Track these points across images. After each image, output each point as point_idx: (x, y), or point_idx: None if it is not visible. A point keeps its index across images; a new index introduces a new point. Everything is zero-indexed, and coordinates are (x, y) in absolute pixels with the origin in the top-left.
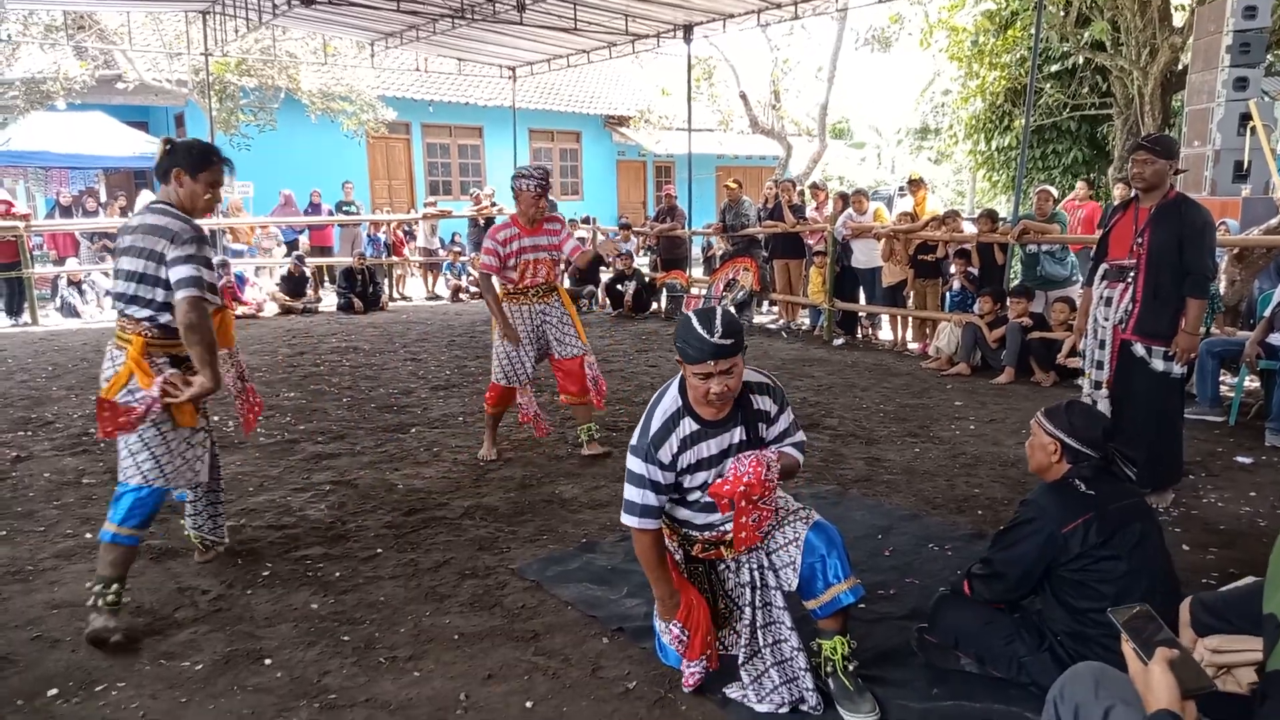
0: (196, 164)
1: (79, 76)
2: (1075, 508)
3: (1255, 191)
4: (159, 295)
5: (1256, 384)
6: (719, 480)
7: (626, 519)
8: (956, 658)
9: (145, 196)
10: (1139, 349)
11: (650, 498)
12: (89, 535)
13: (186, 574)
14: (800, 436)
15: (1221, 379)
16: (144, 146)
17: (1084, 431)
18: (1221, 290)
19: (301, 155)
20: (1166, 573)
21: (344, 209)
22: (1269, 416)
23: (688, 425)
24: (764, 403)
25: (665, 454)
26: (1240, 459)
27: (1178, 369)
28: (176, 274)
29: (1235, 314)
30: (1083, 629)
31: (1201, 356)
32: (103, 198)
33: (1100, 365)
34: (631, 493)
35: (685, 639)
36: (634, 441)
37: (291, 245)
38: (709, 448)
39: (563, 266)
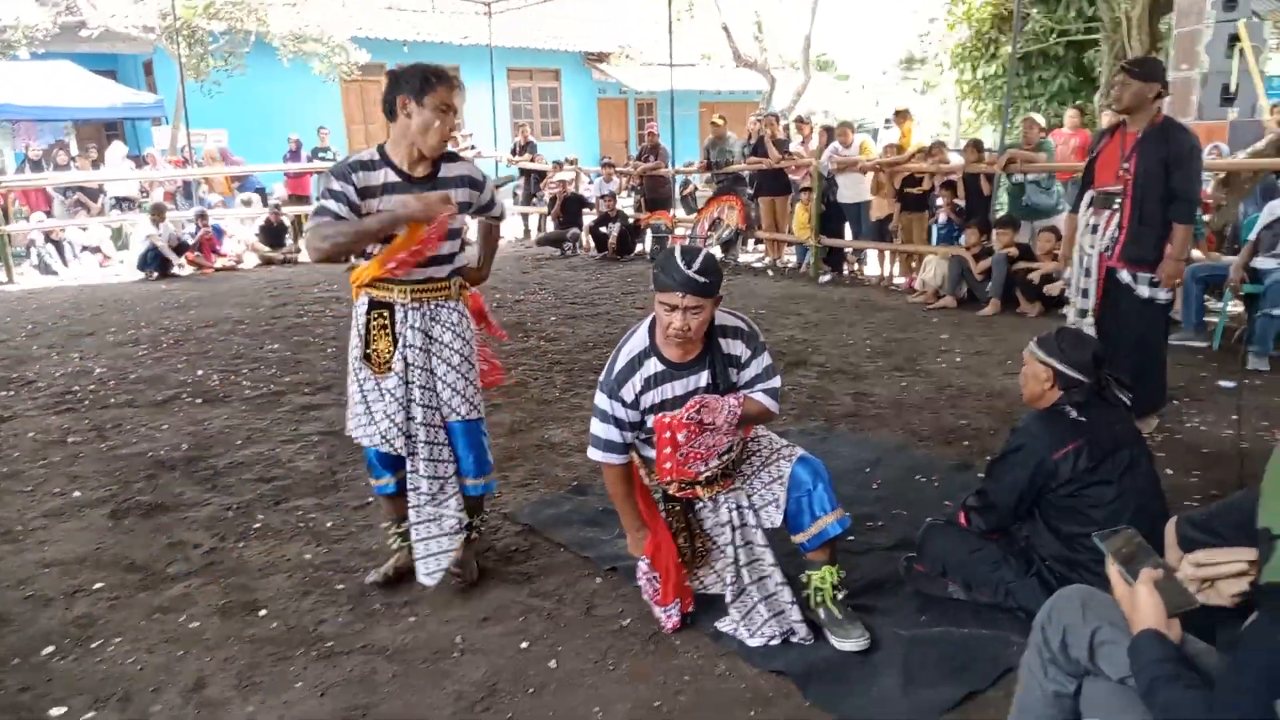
0: (419, 89)
1: (41, 24)
2: (1065, 434)
3: (1243, 115)
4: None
5: (1240, 308)
6: (659, 415)
7: (592, 452)
8: (944, 585)
9: (116, 149)
10: (1125, 276)
11: (613, 433)
12: (77, 494)
13: (178, 528)
14: (774, 383)
15: (1205, 303)
16: (114, 96)
17: (1075, 357)
18: (1206, 216)
19: (274, 101)
20: (1155, 497)
21: (320, 155)
22: (1251, 340)
23: (653, 365)
24: (735, 347)
25: (628, 392)
26: (1223, 383)
27: (1163, 295)
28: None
29: (1220, 239)
30: (1072, 554)
31: (1186, 282)
32: (74, 151)
33: (1085, 293)
34: (596, 427)
35: (657, 584)
36: (601, 378)
37: (262, 195)
38: (674, 389)
39: (546, 208)
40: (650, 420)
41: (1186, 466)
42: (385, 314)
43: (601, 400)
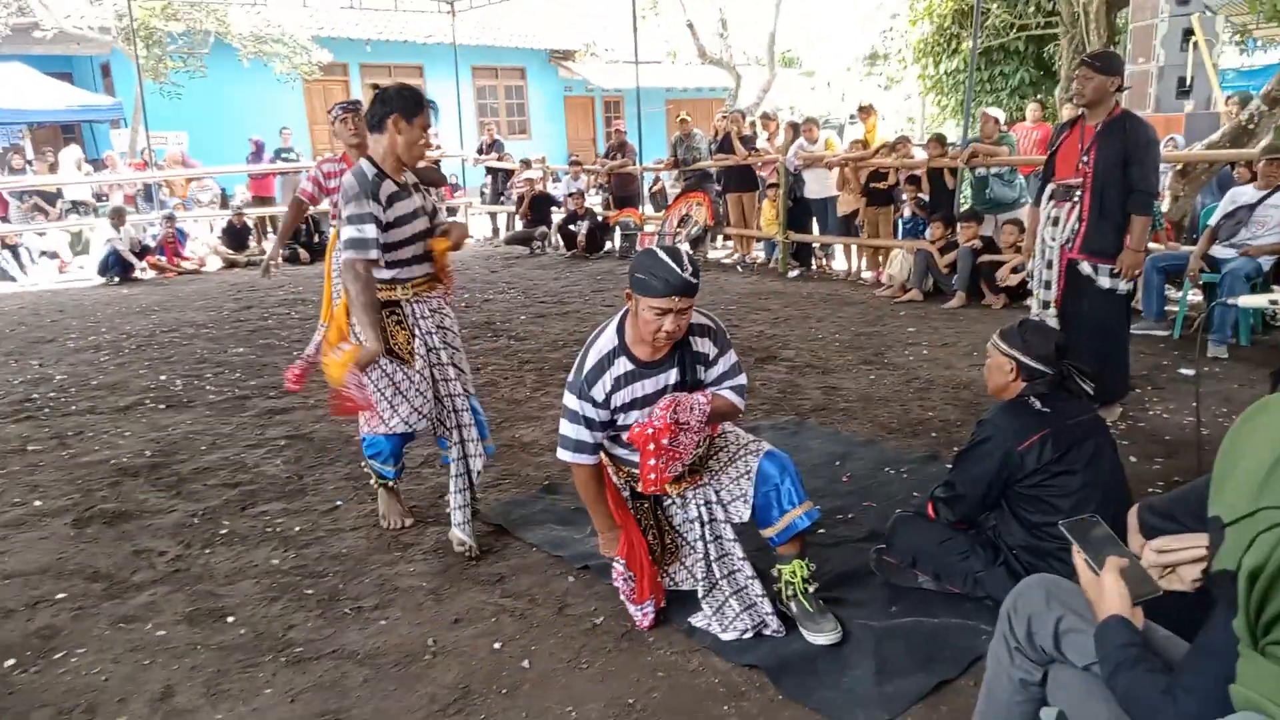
0: (411, 110)
1: None
2: (1031, 425)
3: (1198, 107)
4: None
5: (1199, 297)
6: (632, 426)
7: (561, 453)
8: (914, 576)
9: (72, 152)
10: (1086, 267)
11: (583, 433)
12: (38, 503)
13: (142, 536)
14: (740, 380)
15: (1166, 292)
16: (70, 99)
17: (1038, 349)
18: (1165, 206)
19: (236, 102)
20: (1120, 485)
21: (283, 156)
22: (1211, 328)
23: (623, 364)
24: (704, 345)
25: (599, 392)
26: (1184, 371)
27: (1124, 286)
28: (343, 235)
29: (1179, 229)
30: (1039, 543)
31: (1147, 271)
32: (29, 154)
33: (1048, 285)
34: (566, 428)
35: (632, 582)
36: (570, 378)
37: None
38: (644, 387)
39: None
40: (622, 419)
41: (1149, 454)
42: (398, 310)
43: (571, 401)
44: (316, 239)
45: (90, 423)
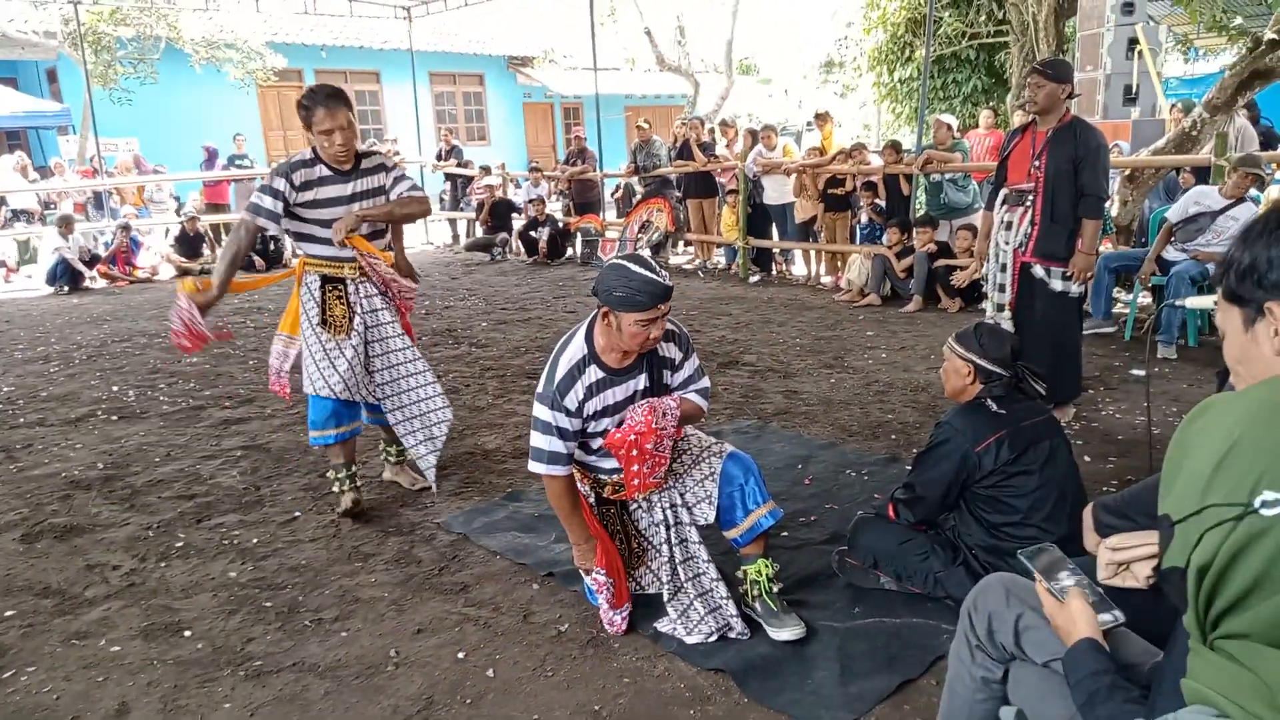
0: (306, 115)
1: None
2: (987, 427)
3: (1144, 114)
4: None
5: (1149, 299)
6: (612, 431)
7: (534, 465)
8: (875, 577)
9: (13, 159)
10: (1038, 270)
11: (557, 444)
12: None
13: (95, 550)
14: (704, 383)
15: (1115, 295)
16: (14, 104)
17: (993, 351)
18: (1114, 211)
19: (188, 108)
20: (1075, 485)
21: (237, 163)
22: (1160, 330)
23: (594, 373)
24: (670, 350)
25: (571, 401)
26: (1135, 372)
27: (1075, 288)
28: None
29: (1128, 233)
30: (997, 542)
31: (1098, 271)
32: None
33: (1002, 288)
34: (538, 439)
35: (612, 588)
36: (540, 389)
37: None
38: (614, 394)
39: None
40: (592, 426)
41: (1103, 453)
42: (340, 287)
43: (542, 412)
44: (272, 247)
45: (40, 435)
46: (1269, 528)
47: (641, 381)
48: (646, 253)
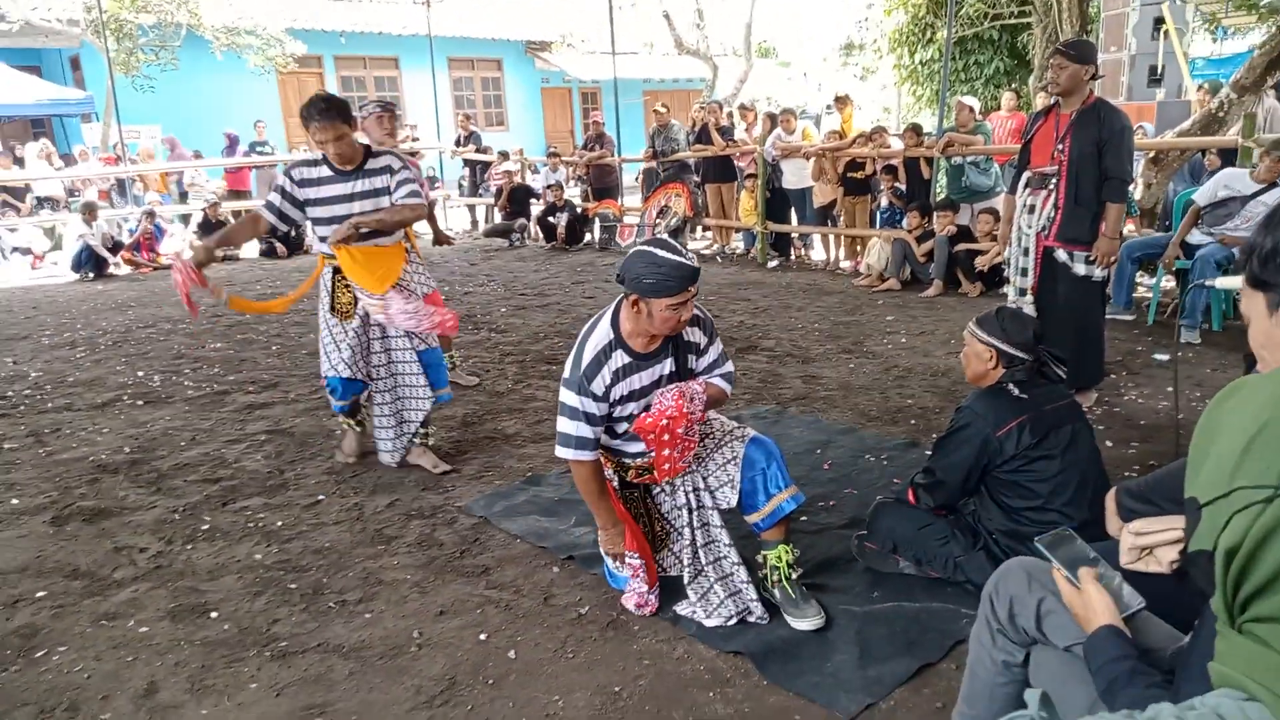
0: (304, 123)
1: None
2: (1009, 411)
3: (1169, 95)
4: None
5: (1173, 283)
6: (642, 415)
7: (561, 451)
8: (895, 561)
9: (38, 146)
10: (1061, 255)
11: (585, 429)
12: (15, 502)
13: (123, 533)
14: (729, 367)
15: (1138, 280)
16: (39, 93)
17: (1016, 336)
18: (1138, 194)
19: (209, 95)
20: (1097, 470)
21: (258, 150)
22: (1183, 314)
23: (620, 358)
24: (694, 334)
25: (599, 386)
26: (1158, 357)
27: (1099, 273)
28: None
29: (1152, 216)
30: (1017, 527)
31: (1121, 260)
32: None
33: (1025, 272)
34: (565, 425)
35: (645, 570)
36: (566, 375)
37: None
38: (640, 379)
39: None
40: (618, 411)
41: (1125, 439)
42: (347, 278)
43: (569, 397)
44: (294, 234)
45: (67, 420)
46: None
47: (667, 366)
48: (647, 240)
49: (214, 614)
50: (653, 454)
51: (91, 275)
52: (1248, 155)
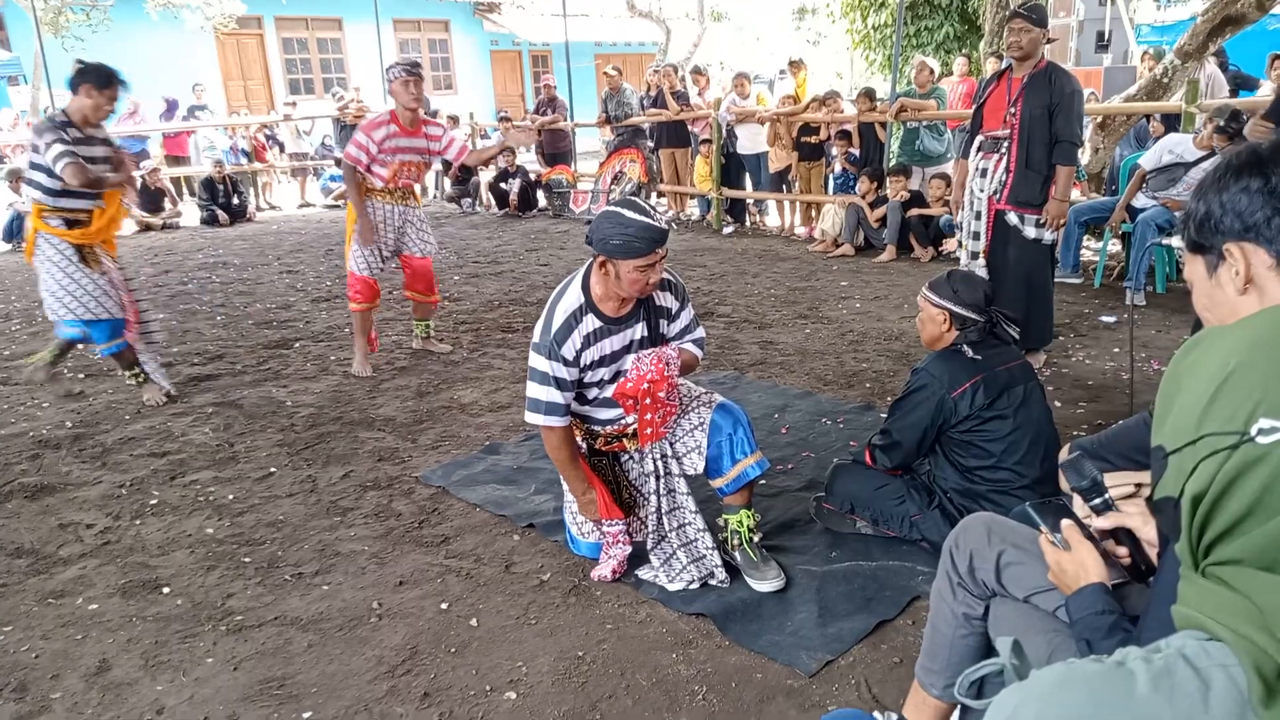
0: (102, 82)
1: None
2: (963, 373)
3: (1116, 60)
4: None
5: (1119, 247)
6: (623, 380)
7: (531, 417)
8: (852, 522)
9: None
10: (1012, 218)
11: (555, 394)
12: None
13: (67, 509)
14: (700, 333)
15: (1084, 244)
16: None
17: (967, 297)
18: (1085, 159)
19: (144, 58)
20: (1048, 429)
21: (196, 114)
22: (1129, 277)
23: (591, 322)
24: (666, 299)
25: (569, 350)
26: (1104, 319)
27: (1049, 236)
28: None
29: (1099, 181)
30: (971, 486)
31: (1069, 224)
32: None
33: (977, 236)
34: (535, 390)
35: (618, 528)
36: (536, 339)
37: (135, 158)
38: (611, 344)
39: (442, 167)
40: (589, 377)
41: (1074, 398)
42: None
43: (539, 362)
44: (235, 201)
45: (5, 394)
46: (1264, 455)
47: (639, 330)
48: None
49: (166, 589)
50: (625, 421)
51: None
52: (1190, 121)
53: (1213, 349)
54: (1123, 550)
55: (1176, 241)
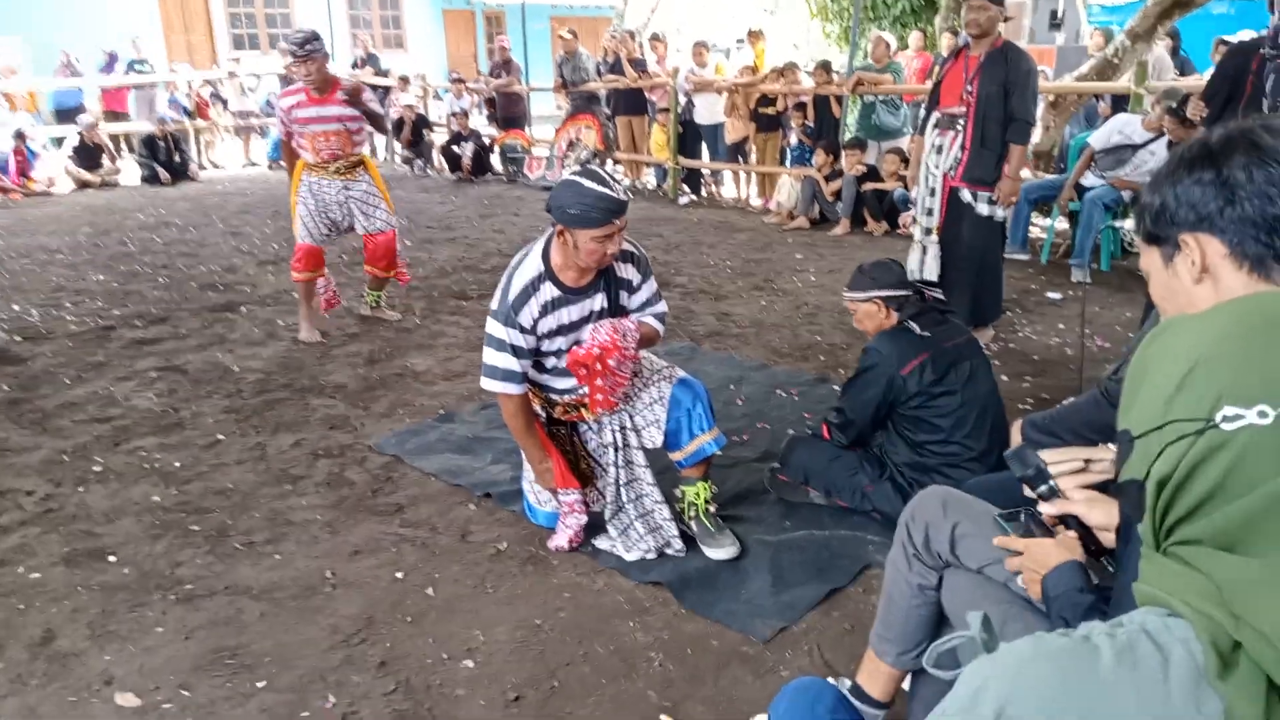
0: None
1: None
2: (911, 350)
3: (1069, 40)
4: None
5: (1066, 225)
6: (574, 348)
7: (487, 383)
8: (806, 492)
9: None
10: (966, 195)
11: (510, 362)
12: None
13: (5, 475)
14: (662, 307)
15: (1032, 221)
16: None
17: (886, 278)
18: (1036, 137)
19: (79, 7)
20: (995, 403)
21: (135, 68)
22: (1074, 255)
23: (549, 290)
24: (628, 271)
25: (526, 318)
26: (1051, 295)
27: (1000, 213)
28: None
29: (1048, 159)
30: (921, 459)
31: (1019, 201)
32: None
33: (930, 212)
34: (491, 356)
35: (574, 497)
36: (494, 305)
37: (69, 113)
38: (570, 314)
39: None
40: (547, 345)
41: (1020, 373)
42: None
43: (496, 329)
44: (177, 159)
45: None
46: (1227, 440)
47: (599, 301)
48: (577, 169)
49: (112, 558)
50: (583, 390)
51: None
52: (1139, 101)
53: (1179, 338)
54: (1071, 534)
55: (1127, 225)
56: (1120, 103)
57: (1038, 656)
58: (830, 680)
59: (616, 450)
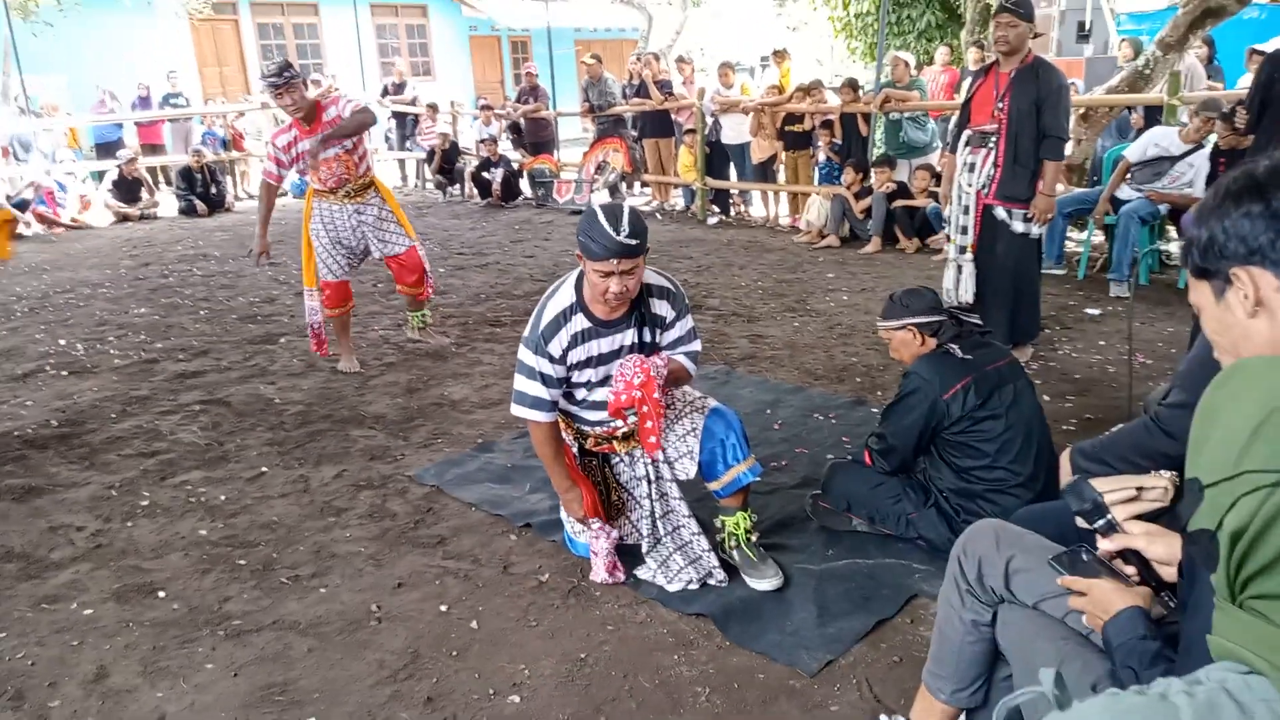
0: None
1: None
2: (954, 374)
3: (1096, 51)
4: None
5: (1102, 239)
6: (614, 394)
7: (517, 409)
8: (849, 520)
9: None
10: (1000, 212)
11: (540, 390)
12: None
13: (57, 511)
14: (695, 345)
15: (1068, 236)
16: None
17: (919, 305)
18: (1068, 151)
19: (117, 45)
20: (1040, 426)
21: (171, 102)
22: (1112, 269)
23: (580, 321)
24: (662, 307)
25: (555, 348)
26: (1089, 311)
27: (1036, 230)
28: None
29: (1081, 172)
30: (967, 485)
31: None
32: None
33: (965, 230)
34: (521, 383)
35: (599, 529)
36: (525, 333)
37: (109, 148)
38: (600, 346)
39: (425, 156)
40: (577, 376)
41: (1061, 392)
42: None
43: (527, 356)
44: (213, 190)
45: None
46: None
47: (629, 336)
48: (604, 194)
49: (161, 593)
50: (614, 424)
51: None
52: (1173, 113)
53: (1251, 384)
54: (1131, 569)
55: (1172, 248)
56: (1153, 114)
57: (1114, 716)
58: (884, 718)
59: (650, 483)
